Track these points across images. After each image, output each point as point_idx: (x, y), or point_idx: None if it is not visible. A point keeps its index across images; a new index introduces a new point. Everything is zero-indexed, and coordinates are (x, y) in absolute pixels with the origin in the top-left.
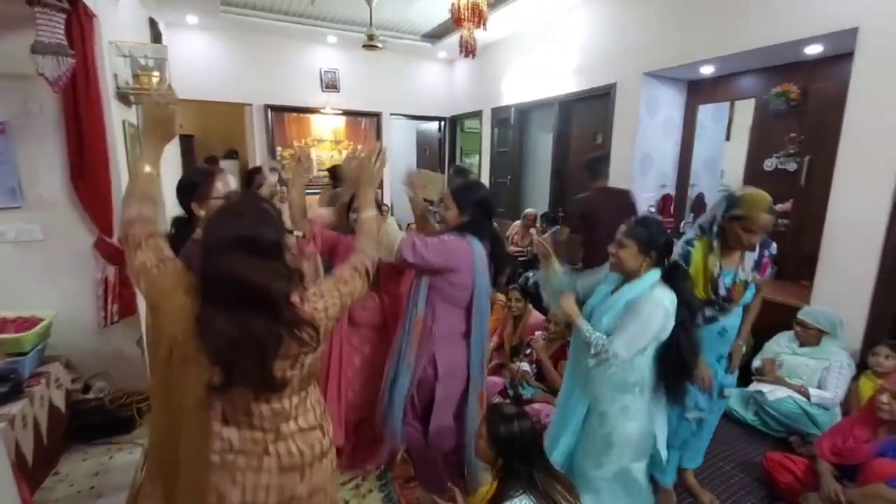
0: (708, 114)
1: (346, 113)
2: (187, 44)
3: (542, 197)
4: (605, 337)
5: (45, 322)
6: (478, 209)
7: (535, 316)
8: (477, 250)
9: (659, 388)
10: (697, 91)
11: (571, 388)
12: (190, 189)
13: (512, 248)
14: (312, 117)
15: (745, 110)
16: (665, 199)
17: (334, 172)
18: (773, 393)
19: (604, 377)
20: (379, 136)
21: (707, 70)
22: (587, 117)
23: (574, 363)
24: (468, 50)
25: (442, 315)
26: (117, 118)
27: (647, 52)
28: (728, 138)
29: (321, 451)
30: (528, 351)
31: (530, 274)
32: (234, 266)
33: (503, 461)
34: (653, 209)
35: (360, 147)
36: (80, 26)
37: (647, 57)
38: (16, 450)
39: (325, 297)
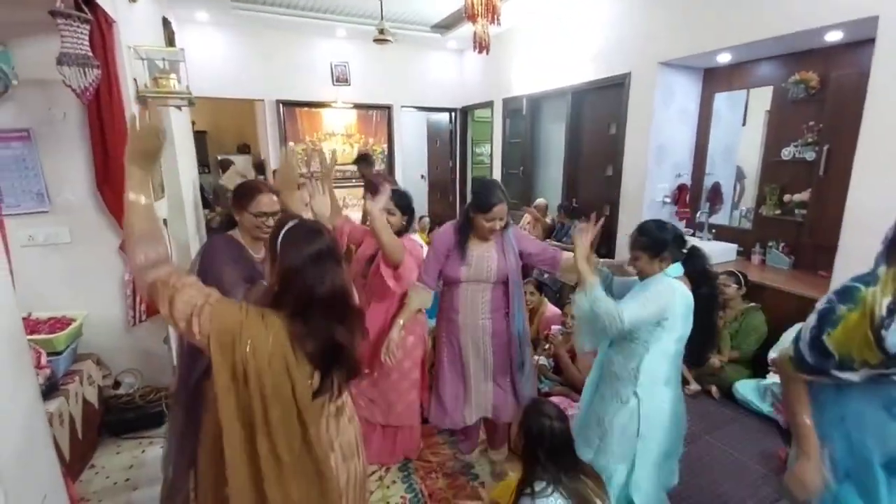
0: (724, 102)
1: (357, 106)
2: (198, 40)
3: (554, 188)
4: (612, 300)
5: (77, 322)
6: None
7: (551, 309)
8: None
9: (666, 390)
10: (713, 79)
11: (595, 379)
12: (238, 197)
13: None
14: (324, 111)
15: (762, 98)
16: (681, 189)
17: (365, 158)
18: None
19: (612, 361)
20: (390, 128)
21: (724, 58)
22: (601, 107)
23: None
24: (482, 46)
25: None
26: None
27: (662, 40)
28: (744, 126)
29: (360, 435)
30: (546, 345)
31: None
32: (333, 275)
33: (529, 452)
34: (668, 200)
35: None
36: (101, 33)
37: (662, 46)
38: (54, 445)
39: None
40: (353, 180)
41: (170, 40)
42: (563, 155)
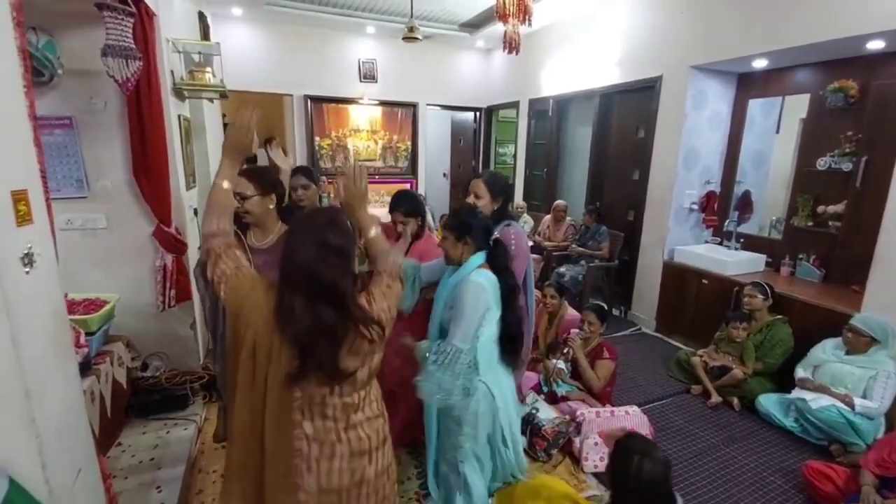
0: (757, 108)
1: (383, 103)
2: (232, 35)
3: (577, 190)
4: (440, 344)
5: (109, 304)
6: (505, 195)
7: (571, 313)
8: (521, 230)
9: (500, 366)
10: (748, 85)
11: None
12: None
13: (545, 243)
14: (350, 108)
15: (797, 105)
16: (709, 196)
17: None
18: (817, 401)
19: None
20: (415, 126)
21: (759, 63)
22: (629, 110)
23: None
24: (512, 46)
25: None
26: (174, 113)
27: (695, 44)
28: (777, 133)
29: (384, 436)
30: (565, 349)
31: (563, 269)
32: (309, 258)
33: (614, 497)
34: (695, 207)
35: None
36: (142, 26)
37: (695, 49)
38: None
39: (387, 297)
40: (378, 176)
41: (205, 34)
42: (589, 157)
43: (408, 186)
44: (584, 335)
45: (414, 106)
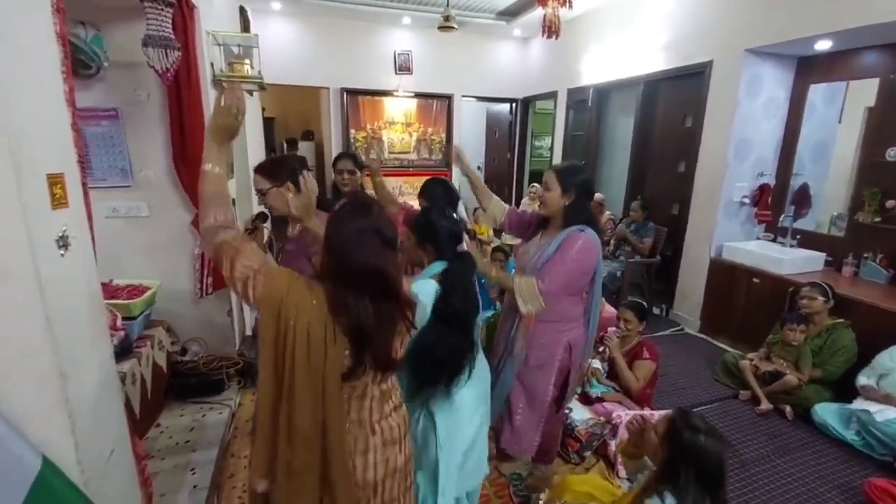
0: (818, 95)
1: (418, 95)
2: (272, 29)
3: (617, 184)
4: None
5: (151, 290)
6: (582, 190)
7: (608, 310)
8: (597, 239)
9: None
10: (809, 69)
11: None
12: None
13: None
14: (385, 100)
15: (864, 91)
16: (762, 189)
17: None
18: (883, 413)
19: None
20: (449, 118)
21: (823, 45)
22: (676, 98)
23: None
24: (552, 31)
25: (571, 304)
26: (212, 103)
27: (750, 25)
28: (840, 122)
29: (408, 424)
30: (601, 348)
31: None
32: (373, 254)
33: (671, 464)
34: (746, 200)
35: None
36: (182, 18)
37: (749, 31)
38: (126, 402)
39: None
40: (411, 169)
41: (245, 28)
42: (630, 149)
43: None
44: (621, 333)
45: (449, 98)
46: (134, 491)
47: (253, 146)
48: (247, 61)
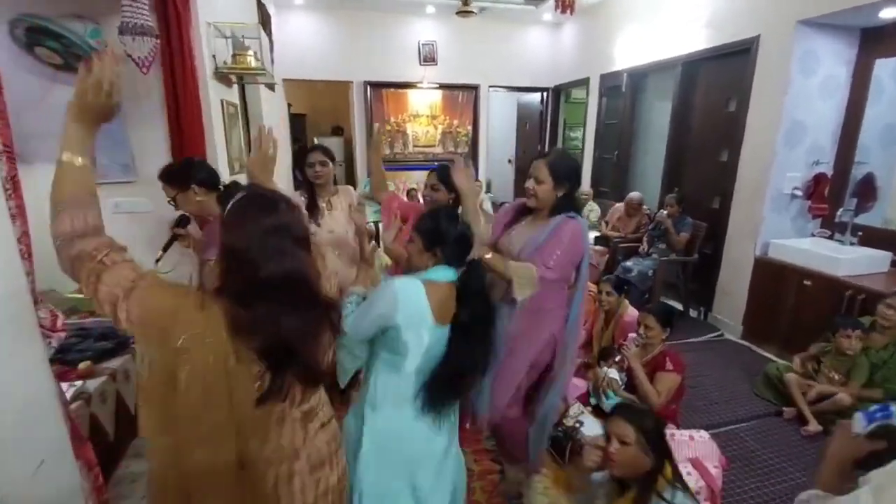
0: (887, 71)
1: (443, 86)
2: (295, 25)
3: (653, 175)
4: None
5: None
6: (573, 181)
7: (631, 314)
8: (586, 229)
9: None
10: (875, 42)
11: None
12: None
13: (611, 233)
14: (409, 92)
15: None
16: (818, 179)
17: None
18: None
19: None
20: (476, 109)
21: (890, 13)
22: (717, 80)
23: None
24: (565, 5)
25: (555, 295)
26: (215, 97)
27: None
28: None
29: (340, 438)
30: (618, 357)
31: (630, 263)
32: (286, 258)
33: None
34: (799, 192)
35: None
36: (175, 8)
37: (802, 0)
38: (117, 399)
39: (330, 280)
40: (436, 163)
41: (264, 23)
42: (667, 137)
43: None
44: (641, 341)
45: (475, 88)
46: (76, 502)
47: (279, 144)
48: (250, 52)
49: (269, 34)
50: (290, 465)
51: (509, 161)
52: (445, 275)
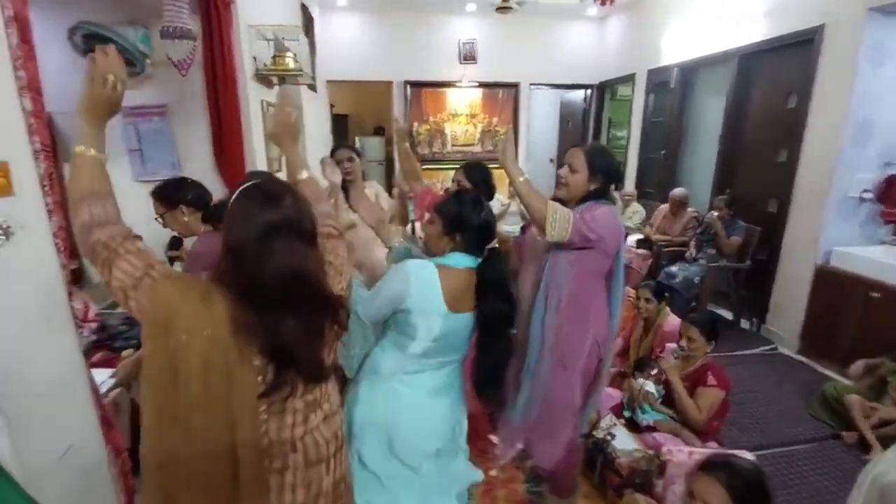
0: None
1: (483, 85)
2: (338, 26)
3: (702, 175)
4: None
5: None
6: (608, 175)
7: (672, 323)
8: (617, 213)
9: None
10: None
11: None
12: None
13: (656, 236)
14: (448, 91)
15: None
16: (890, 182)
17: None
18: None
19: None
20: (516, 107)
21: None
22: (776, 74)
23: None
24: None
25: (595, 293)
26: (255, 98)
27: None
28: None
29: (342, 438)
30: (655, 370)
31: (675, 269)
32: (289, 258)
33: None
34: (868, 195)
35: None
36: (217, 12)
37: None
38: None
39: (343, 273)
40: None
41: (307, 26)
42: (719, 135)
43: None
44: (681, 353)
45: (515, 86)
46: (102, 486)
47: (315, 144)
48: (289, 54)
49: (312, 36)
50: (284, 459)
51: (551, 160)
52: (463, 261)
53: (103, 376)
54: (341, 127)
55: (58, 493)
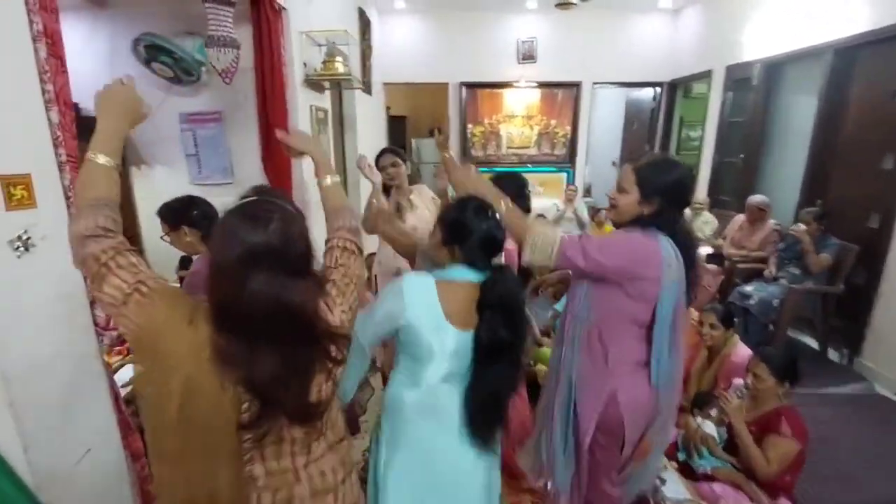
0: None
1: (542, 85)
2: (397, 29)
3: (788, 183)
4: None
5: None
6: (669, 197)
7: (741, 353)
8: (667, 251)
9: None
10: None
11: None
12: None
13: (731, 251)
14: (505, 92)
15: None
16: None
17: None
18: None
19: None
20: (576, 108)
21: None
22: (881, 70)
23: None
24: None
25: (617, 335)
26: (304, 103)
27: None
28: None
29: (350, 464)
30: (716, 409)
31: (749, 288)
32: (271, 287)
33: None
34: None
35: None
36: (266, 19)
37: None
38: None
39: (346, 294)
40: (530, 165)
41: (364, 29)
42: (810, 139)
43: (563, 176)
44: (746, 394)
45: (577, 86)
46: (121, 491)
47: (366, 145)
48: (339, 59)
49: (369, 40)
50: (289, 490)
51: (613, 163)
52: (465, 275)
53: (125, 377)
54: (399, 129)
55: (75, 497)
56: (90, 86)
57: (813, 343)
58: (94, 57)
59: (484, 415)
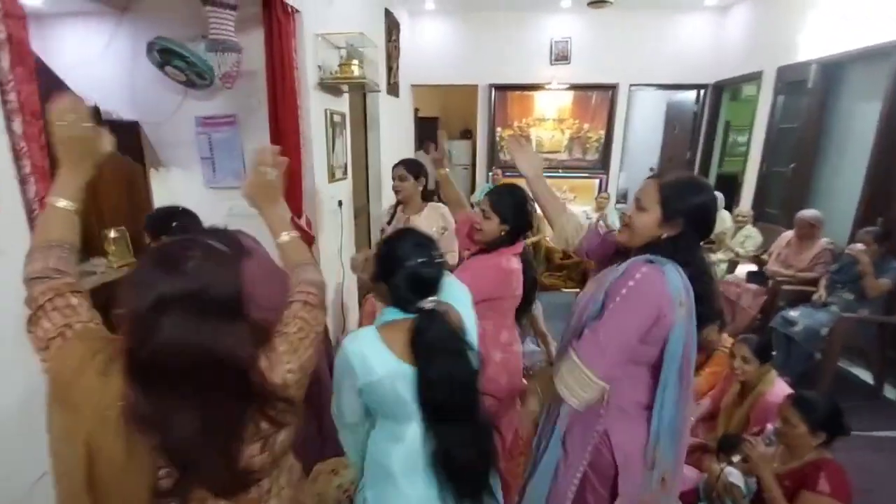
0: None
1: (575, 87)
2: (427, 30)
3: (844, 197)
4: None
5: None
6: (693, 221)
7: (778, 392)
8: (675, 287)
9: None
10: None
11: None
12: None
13: (775, 269)
14: (536, 95)
15: None
16: None
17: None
18: None
19: None
20: (612, 111)
21: None
22: None
23: None
24: None
25: (618, 374)
26: (318, 106)
27: None
28: None
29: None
30: (735, 457)
31: (795, 314)
32: (189, 335)
33: None
34: None
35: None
36: (277, 21)
37: None
38: None
39: (298, 352)
40: (560, 170)
41: (390, 30)
42: (872, 147)
43: (596, 182)
44: (776, 441)
45: (612, 88)
46: None
47: (389, 147)
48: (355, 62)
49: (396, 41)
50: None
51: (651, 169)
52: (391, 313)
53: None
54: (430, 130)
55: None
56: (112, 88)
57: (867, 377)
58: (115, 59)
59: (460, 483)
